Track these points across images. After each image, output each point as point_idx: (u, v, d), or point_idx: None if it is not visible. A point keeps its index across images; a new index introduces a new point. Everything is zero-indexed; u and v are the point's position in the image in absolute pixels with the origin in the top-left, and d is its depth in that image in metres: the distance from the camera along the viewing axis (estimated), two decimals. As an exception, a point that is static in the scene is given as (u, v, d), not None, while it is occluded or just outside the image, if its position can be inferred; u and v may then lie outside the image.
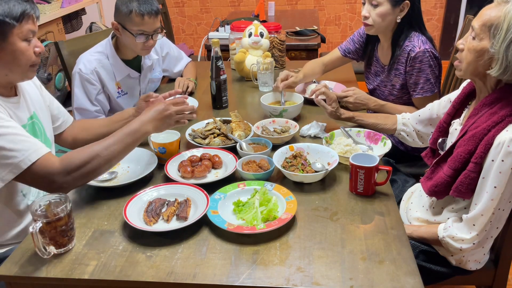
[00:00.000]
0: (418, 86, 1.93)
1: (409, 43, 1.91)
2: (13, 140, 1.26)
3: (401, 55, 1.94)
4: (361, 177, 1.36)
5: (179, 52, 2.39)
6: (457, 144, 1.34)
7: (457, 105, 1.49)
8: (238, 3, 5.02)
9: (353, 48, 2.22)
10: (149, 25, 1.90)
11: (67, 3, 3.56)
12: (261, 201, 1.31)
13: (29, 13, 1.31)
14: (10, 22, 1.27)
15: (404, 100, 2.05)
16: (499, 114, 1.25)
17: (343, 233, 1.23)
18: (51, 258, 1.18)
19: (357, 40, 2.21)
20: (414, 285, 1.06)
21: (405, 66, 1.94)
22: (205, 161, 1.52)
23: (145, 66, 2.15)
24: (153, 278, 1.11)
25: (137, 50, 1.98)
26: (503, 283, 1.54)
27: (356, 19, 4.98)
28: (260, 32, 2.34)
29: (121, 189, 1.46)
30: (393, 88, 2.04)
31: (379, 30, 1.96)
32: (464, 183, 1.29)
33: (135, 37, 1.90)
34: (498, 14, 1.22)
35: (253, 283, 1.08)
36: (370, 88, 2.21)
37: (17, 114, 1.43)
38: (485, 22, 1.24)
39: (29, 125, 1.47)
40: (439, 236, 1.36)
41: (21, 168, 1.26)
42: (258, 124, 1.77)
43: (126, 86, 2.12)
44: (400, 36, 1.94)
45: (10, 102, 1.41)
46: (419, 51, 1.87)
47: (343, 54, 2.26)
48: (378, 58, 2.12)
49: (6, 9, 1.27)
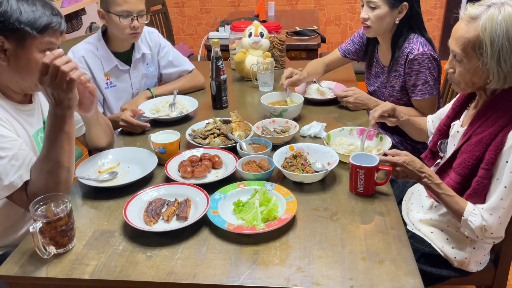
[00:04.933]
0: (417, 88, 1.93)
1: (408, 45, 1.91)
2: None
3: (400, 56, 1.94)
4: (361, 177, 1.36)
5: (178, 59, 2.28)
6: (462, 149, 1.34)
7: (457, 108, 1.49)
8: (238, 3, 5.02)
9: (352, 49, 2.23)
10: (132, 4, 1.92)
11: (67, 3, 3.56)
12: (261, 201, 1.31)
13: (54, 27, 1.32)
14: (30, 32, 1.28)
15: (404, 102, 2.05)
16: (505, 117, 1.25)
17: (343, 233, 1.23)
18: (51, 258, 1.18)
19: (357, 41, 2.21)
20: (414, 285, 1.06)
21: (404, 68, 1.94)
22: (205, 161, 1.52)
23: (134, 58, 2.14)
24: (153, 278, 1.11)
25: (124, 35, 1.98)
26: (503, 283, 1.54)
27: (356, 19, 4.98)
28: (260, 32, 2.34)
29: (121, 189, 1.46)
30: (393, 89, 2.04)
31: (378, 32, 1.96)
32: (477, 190, 1.28)
33: (120, 18, 1.92)
34: (475, 34, 1.21)
35: (253, 283, 1.08)
36: (370, 90, 2.21)
37: (29, 122, 1.44)
38: (466, 45, 1.23)
39: (41, 130, 1.49)
40: (464, 216, 1.30)
41: None
42: (258, 124, 1.77)
43: (116, 78, 2.12)
44: (399, 38, 1.94)
45: (24, 109, 1.42)
46: (417, 53, 1.87)
47: (343, 54, 2.26)
48: (378, 59, 2.12)
49: (31, 18, 1.27)
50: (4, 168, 1.26)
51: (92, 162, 1.58)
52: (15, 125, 1.37)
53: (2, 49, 1.29)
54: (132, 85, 2.18)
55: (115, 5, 1.92)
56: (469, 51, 1.24)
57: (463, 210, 1.30)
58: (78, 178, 1.48)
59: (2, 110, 1.34)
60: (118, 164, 1.60)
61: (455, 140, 1.44)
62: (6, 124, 1.32)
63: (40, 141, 1.48)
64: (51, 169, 1.29)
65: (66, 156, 1.31)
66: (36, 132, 1.47)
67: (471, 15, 1.23)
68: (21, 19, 1.26)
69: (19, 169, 1.29)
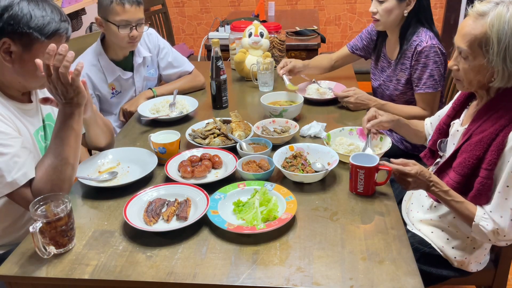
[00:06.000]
0: (421, 81, 1.93)
1: (416, 38, 1.93)
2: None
3: (408, 49, 1.96)
4: (361, 177, 1.36)
5: (177, 60, 2.28)
6: (462, 148, 1.33)
7: (457, 107, 1.49)
8: (238, 3, 5.02)
9: (360, 45, 2.26)
10: (130, 14, 1.90)
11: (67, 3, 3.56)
12: (261, 201, 1.31)
13: (61, 33, 1.33)
14: (38, 37, 1.28)
15: (408, 96, 2.05)
16: (505, 117, 1.25)
17: (343, 233, 1.23)
18: (51, 258, 1.18)
19: (365, 37, 2.24)
20: (414, 285, 1.06)
21: (411, 61, 1.95)
22: (205, 161, 1.52)
23: (136, 64, 2.14)
24: (153, 278, 1.11)
25: (123, 44, 1.97)
26: (503, 283, 1.54)
27: (356, 19, 4.97)
28: (260, 32, 2.34)
29: (121, 189, 1.45)
30: (398, 83, 2.05)
31: (387, 25, 1.98)
32: (482, 191, 1.28)
33: (118, 28, 1.90)
34: (482, 30, 1.21)
35: (253, 283, 1.08)
36: (375, 86, 2.22)
37: (30, 121, 1.44)
38: (472, 42, 1.23)
39: (41, 129, 1.49)
40: (475, 221, 1.29)
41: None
42: (258, 124, 1.77)
43: (120, 85, 2.13)
44: (407, 31, 1.96)
45: (25, 109, 1.43)
46: (426, 46, 1.88)
47: (351, 50, 2.30)
48: (385, 54, 2.13)
49: (41, 24, 1.28)
50: (6, 165, 1.26)
51: (92, 162, 1.58)
52: (17, 123, 1.38)
53: (8, 51, 1.29)
54: (136, 89, 2.19)
55: (114, 15, 1.90)
56: (475, 48, 1.23)
57: (474, 215, 1.29)
58: (78, 178, 1.48)
59: (4, 108, 1.35)
60: (118, 164, 1.60)
61: (454, 139, 1.44)
62: (8, 122, 1.33)
63: (41, 139, 1.49)
64: (57, 165, 1.30)
65: (72, 153, 1.33)
66: (36, 131, 1.47)
67: (479, 12, 1.23)
68: (30, 24, 1.27)
69: (22, 167, 1.29)
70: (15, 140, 1.31)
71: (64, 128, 1.32)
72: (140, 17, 1.95)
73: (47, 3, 1.31)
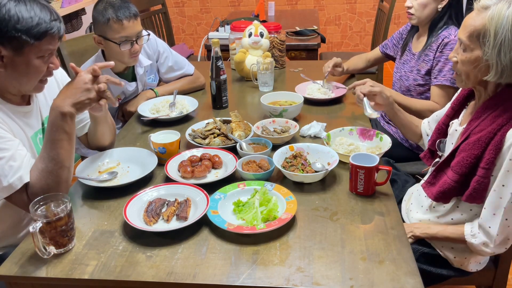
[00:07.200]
0: (442, 73, 1.95)
1: (445, 32, 1.95)
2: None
3: (434, 42, 1.98)
4: (361, 177, 1.36)
5: (178, 63, 2.25)
6: (460, 148, 1.34)
7: (456, 107, 1.49)
8: (238, 3, 5.02)
9: (390, 44, 2.33)
10: (130, 29, 1.86)
11: (67, 3, 3.56)
12: (261, 201, 1.31)
13: (53, 33, 1.27)
14: (28, 40, 1.24)
15: (425, 89, 2.06)
16: (503, 116, 1.25)
17: (343, 233, 1.23)
18: (51, 258, 1.18)
19: (396, 37, 2.30)
20: (414, 285, 1.06)
21: (435, 52, 1.97)
22: (205, 161, 1.52)
23: (138, 75, 2.12)
24: (153, 278, 1.11)
25: (124, 59, 1.95)
26: (503, 283, 1.54)
27: (356, 19, 4.98)
28: (260, 32, 2.34)
29: (121, 189, 1.45)
30: (418, 73, 2.05)
31: (421, 19, 2.01)
32: (478, 189, 1.28)
33: (119, 45, 1.86)
34: (482, 22, 1.24)
35: (253, 283, 1.08)
36: (396, 79, 2.24)
37: (27, 123, 1.43)
38: (472, 33, 1.26)
39: (40, 131, 1.48)
40: (467, 241, 1.34)
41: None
42: (258, 124, 1.77)
43: (124, 94, 2.14)
44: (437, 25, 1.98)
45: (22, 111, 1.41)
46: (452, 39, 1.91)
47: (381, 50, 2.38)
48: (410, 47, 2.16)
49: (29, 26, 1.23)
50: (2, 169, 1.25)
51: (92, 162, 1.58)
52: (12, 126, 1.37)
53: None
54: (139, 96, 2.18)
55: (113, 32, 1.85)
56: (474, 39, 1.26)
57: (463, 235, 1.34)
58: (78, 178, 1.48)
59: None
60: (118, 164, 1.60)
61: (453, 138, 1.44)
62: (2, 125, 1.31)
63: (39, 142, 1.47)
64: (52, 169, 1.29)
65: (66, 156, 1.31)
66: (34, 134, 1.46)
67: (483, 5, 1.26)
68: (18, 27, 1.22)
69: (18, 170, 1.28)
70: (10, 143, 1.30)
71: (57, 132, 1.29)
72: (139, 30, 1.91)
73: (35, 2, 1.26)
